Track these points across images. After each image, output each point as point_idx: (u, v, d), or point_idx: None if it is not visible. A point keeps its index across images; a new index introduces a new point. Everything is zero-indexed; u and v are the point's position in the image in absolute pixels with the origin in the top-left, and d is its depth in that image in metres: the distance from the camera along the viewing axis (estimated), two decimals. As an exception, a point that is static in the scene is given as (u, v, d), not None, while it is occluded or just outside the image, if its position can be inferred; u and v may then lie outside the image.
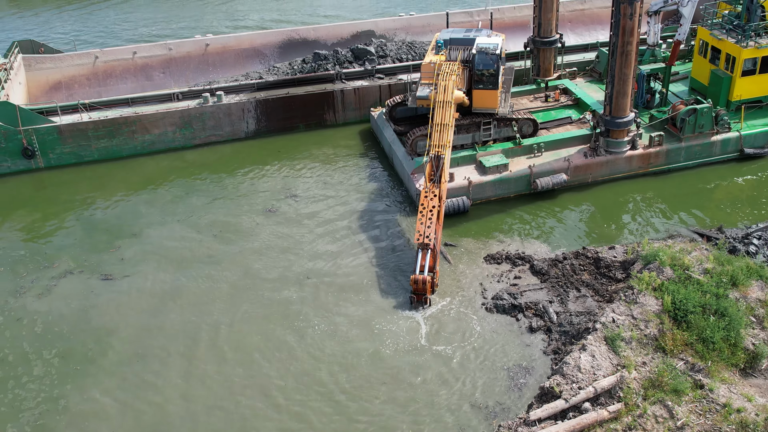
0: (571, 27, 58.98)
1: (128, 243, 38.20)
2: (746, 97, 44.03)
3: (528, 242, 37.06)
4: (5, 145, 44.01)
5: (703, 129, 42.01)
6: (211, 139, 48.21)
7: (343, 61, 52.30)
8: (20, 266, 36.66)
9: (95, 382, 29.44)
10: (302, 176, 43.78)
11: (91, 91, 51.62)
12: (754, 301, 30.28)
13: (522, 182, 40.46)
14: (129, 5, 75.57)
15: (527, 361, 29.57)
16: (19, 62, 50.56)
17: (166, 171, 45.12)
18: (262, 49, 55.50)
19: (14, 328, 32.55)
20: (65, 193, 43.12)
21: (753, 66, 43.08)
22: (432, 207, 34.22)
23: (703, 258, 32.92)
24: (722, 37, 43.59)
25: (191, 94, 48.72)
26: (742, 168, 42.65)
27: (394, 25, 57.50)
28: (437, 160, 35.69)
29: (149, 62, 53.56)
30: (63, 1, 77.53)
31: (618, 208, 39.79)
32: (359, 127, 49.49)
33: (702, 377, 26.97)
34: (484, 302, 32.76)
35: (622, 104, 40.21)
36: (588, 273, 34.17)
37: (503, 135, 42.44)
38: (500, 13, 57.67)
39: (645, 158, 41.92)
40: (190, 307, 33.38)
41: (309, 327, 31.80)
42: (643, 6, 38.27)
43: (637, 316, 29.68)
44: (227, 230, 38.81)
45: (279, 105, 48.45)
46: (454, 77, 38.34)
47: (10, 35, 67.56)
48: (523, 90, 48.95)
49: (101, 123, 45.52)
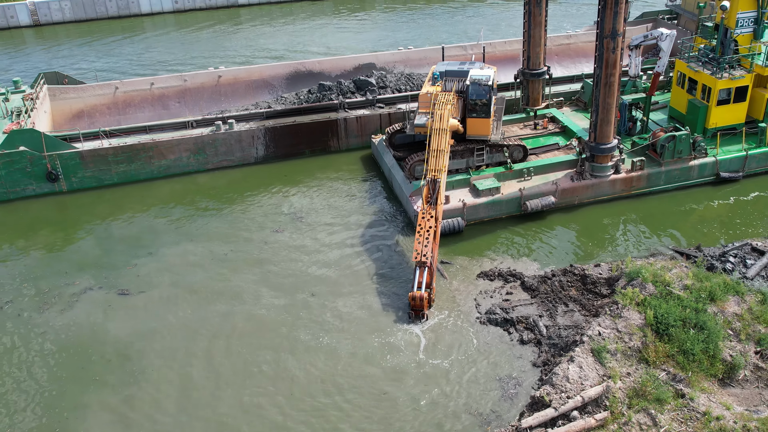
0: (558, 60, 59.33)
1: (144, 261, 38.18)
2: (721, 124, 44.20)
3: (519, 260, 37.06)
4: (31, 170, 44.13)
5: (681, 154, 42.16)
6: (223, 164, 48.28)
7: (346, 91, 52.51)
8: (43, 283, 36.63)
9: (113, 391, 29.36)
10: (307, 198, 43.83)
11: (111, 119, 51.92)
12: (731, 315, 30.25)
13: (513, 204, 40.52)
14: (147, 40, 76.14)
15: (519, 372, 29.48)
16: (44, 92, 50.91)
17: (181, 194, 45.16)
18: (271, 81, 55.82)
19: (38, 341, 32.49)
20: (86, 214, 43.16)
21: (727, 96, 43.32)
22: (429, 227, 34.26)
23: (682, 275, 32.92)
24: (698, 69, 43.87)
25: (204, 122, 48.83)
26: (718, 191, 42.75)
27: (394, 59, 57.95)
28: (434, 183, 35.80)
29: (166, 92, 53.88)
30: (86, 36, 78.13)
31: (603, 228, 39.83)
32: (361, 153, 49.61)
33: (683, 387, 26.89)
34: (478, 316, 32.72)
35: (606, 131, 40.39)
36: (575, 289, 34.15)
37: (495, 160, 42.58)
38: (492, 47, 58.05)
39: (628, 182, 42.04)
40: (201, 321, 33.30)
41: (313, 340, 31.72)
42: (624, 41, 38.59)
43: (622, 330, 29.63)
44: (237, 249, 38.79)
45: (286, 132, 48.57)
46: (450, 107, 38.54)
47: (36, 67, 67.97)
48: (514, 118, 49.11)
49: (120, 149, 45.64)
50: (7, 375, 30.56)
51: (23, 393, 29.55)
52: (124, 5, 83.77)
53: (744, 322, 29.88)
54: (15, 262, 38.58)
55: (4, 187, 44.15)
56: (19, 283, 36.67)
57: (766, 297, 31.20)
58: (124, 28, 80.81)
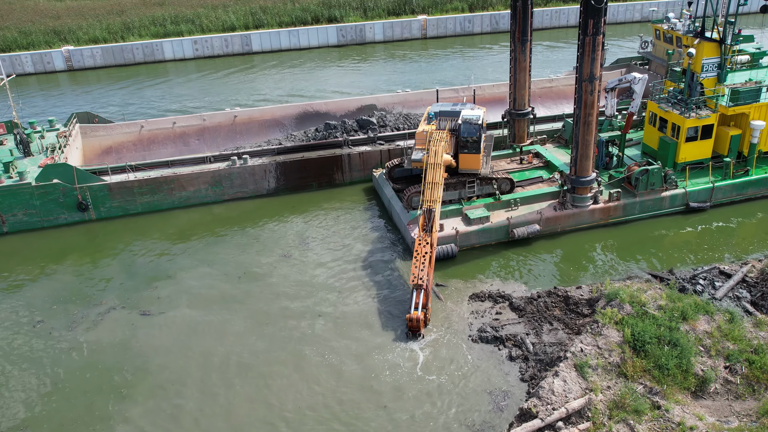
0: (541, 101, 59.74)
1: (164, 284, 38.12)
2: (690, 159, 44.44)
3: (507, 283, 37.02)
4: (63, 200, 44.30)
5: (654, 186, 42.34)
6: (238, 195, 48.41)
7: (350, 129, 52.82)
8: (72, 304, 36.56)
9: (135, 404, 29.17)
10: (314, 227, 43.91)
11: (136, 155, 52.22)
12: (702, 333, 30.14)
13: (501, 232, 40.59)
14: (169, 83, 76.84)
15: (508, 386, 29.29)
16: (76, 130, 51.27)
17: (199, 223, 45.24)
18: (282, 120, 56.17)
19: (67, 357, 32.36)
20: (112, 241, 43.17)
21: (695, 133, 43.61)
22: (425, 253, 34.29)
23: (657, 296, 32.87)
24: (668, 109, 44.22)
25: (221, 158, 49.06)
26: (687, 219, 42.83)
27: (393, 100, 58.30)
28: (429, 212, 35.89)
29: (186, 131, 54.22)
30: (114, 79, 78.85)
31: (584, 253, 39.84)
32: (363, 186, 49.77)
33: (659, 399, 26.71)
34: (470, 334, 32.58)
35: (585, 166, 40.61)
36: (559, 309, 34.06)
37: (485, 192, 42.72)
38: (481, 90, 58.44)
39: (605, 211, 42.14)
40: (217, 340, 33.19)
41: (317, 356, 31.57)
42: (601, 84, 38.98)
43: (602, 346, 29.50)
44: (249, 273, 38.75)
45: (295, 167, 48.79)
46: (443, 143, 38.77)
47: (69, 108, 68.53)
48: (502, 154, 49.34)
49: (145, 181, 45.86)
50: (38, 388, 30.39)
51: (53, 405, 29.36)
52: (149, 52, 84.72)
53: (714, 339, 29.76)
54: (47, 285, 38.55)
55: (38, 216, 44.28)
56: (50, 304, 36.61)
57: (734, 316, 31.13)
58: (150, 72, 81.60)
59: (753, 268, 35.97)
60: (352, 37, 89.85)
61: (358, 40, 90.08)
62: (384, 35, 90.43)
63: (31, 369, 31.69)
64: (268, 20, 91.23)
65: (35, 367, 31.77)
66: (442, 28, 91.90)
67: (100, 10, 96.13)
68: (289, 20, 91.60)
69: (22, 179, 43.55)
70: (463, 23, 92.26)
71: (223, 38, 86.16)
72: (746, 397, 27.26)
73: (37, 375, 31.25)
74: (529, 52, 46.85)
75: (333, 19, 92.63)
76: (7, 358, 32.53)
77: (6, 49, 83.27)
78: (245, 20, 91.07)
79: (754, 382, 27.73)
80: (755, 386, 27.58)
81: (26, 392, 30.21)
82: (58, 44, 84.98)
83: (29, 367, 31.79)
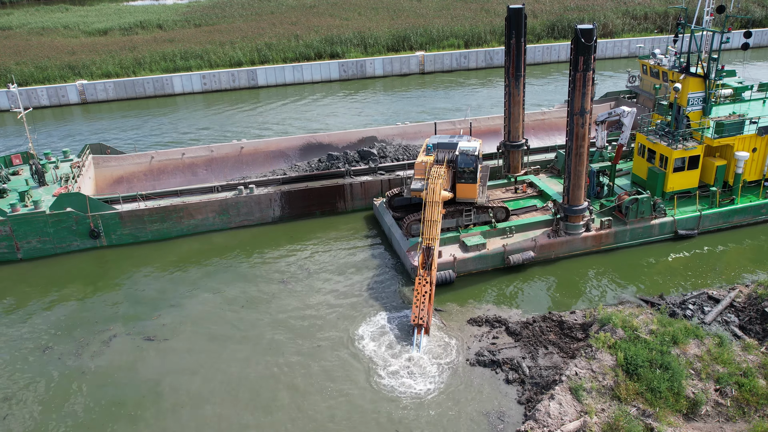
0: (534, 133, 60.18)
1: (168, 311, 37.93)
2: (678, 188, 44.78)
3: (504, 308, 37.01)
4: (76, 228, 44.48)
5: (643, 215, 42.57)
6: (244, 223, 48.56)
7: (352, 160, 53.09)
8: (78, 330, 36.37)
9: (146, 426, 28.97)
10: (317, 253, 43.99)
11: (147, 184, 52.47)
12: (692, 356, 30.11)
13: (497, 258, 40.70)
14: (178, 115, 77.50)
15: (505, 408, 29.15)
16: (89, 161, 51.61)
17: (207, 250, 45.26)
18: (286, 151, 56.52)
19: (75, 381, 32.21)
20: (124, 267, 43.11)
21: (682, 164, 44.01)
22: (425, 292, 34.38)
23: (648, 320, 32.88)
24: (656, 141, 44.65)
25: (228, 187, 49.34)
26: (676, 246, 42.96)
27: (393, 132, 58.63)
28: (428, 250, 35.99)
29: (195, 161, 54.53)
30: (126, 112, 79.56)
31: (577, 279, 39.89)
32: (364, 214, 49.94)
33: (651, 421, 26.59)
34: (468, 358, 32.49)
35: (578, 195, 40.90)
36: (554, 333, 34.03)
37: (481, 220, 42.94)
38: (477, 123, 58.93)
39: (597, 238, 42.33)
40: (219, 364, 33.06)
41: (317, 382, 31.44)
42: (591, 117, 39.41)
43: (596, 370, 29.44)
44: (251, 300, 38.62)
45: (299, 196, 49.02)
46: (441, 181, 38.82)
47: (83, 139, 69.07)
48: (497, 184, 49.65)
49: (155, 210, 46.04)
50: (49, 412, 30.21)
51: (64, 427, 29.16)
52: (159, 86, 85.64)
53: (704, 362, 29.72)
54: (59, 310, 38.49)
55: (52, 243, 44.42)
56: (59, 330, 36.49)
57: (723, 340, 31.11)
58: (160, 105, 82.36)
59: (740, 293, 36.04)
60: (354, 72, 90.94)
61: (359, 74, 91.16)
62: (384, 70, 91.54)
63: (39, 391, 31.51)
64: (273, 56, 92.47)
65: (45, 392, 31.56)
66: (439, 63, 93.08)
67: (113, 46, 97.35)
68: (294, 56, 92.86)
69: (37, 208, 43.78)
70: (459, 59, 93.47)
71: (230, 73, 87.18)
72: (737, 419, 27.14)
73: (47, 399, 31.05)
74: (522, 86, 47.45)
75: (335, 55, 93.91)
76: (16, 382, 32.37)
77: (23, 83, 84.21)
78: (251, 56, 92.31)
79: (744, 404, 27.63)
80: (745, 408, 27.48)
81: (32, 415, 30.02)
82: (73, 78, 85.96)
83: (38, 389, 31.61)
